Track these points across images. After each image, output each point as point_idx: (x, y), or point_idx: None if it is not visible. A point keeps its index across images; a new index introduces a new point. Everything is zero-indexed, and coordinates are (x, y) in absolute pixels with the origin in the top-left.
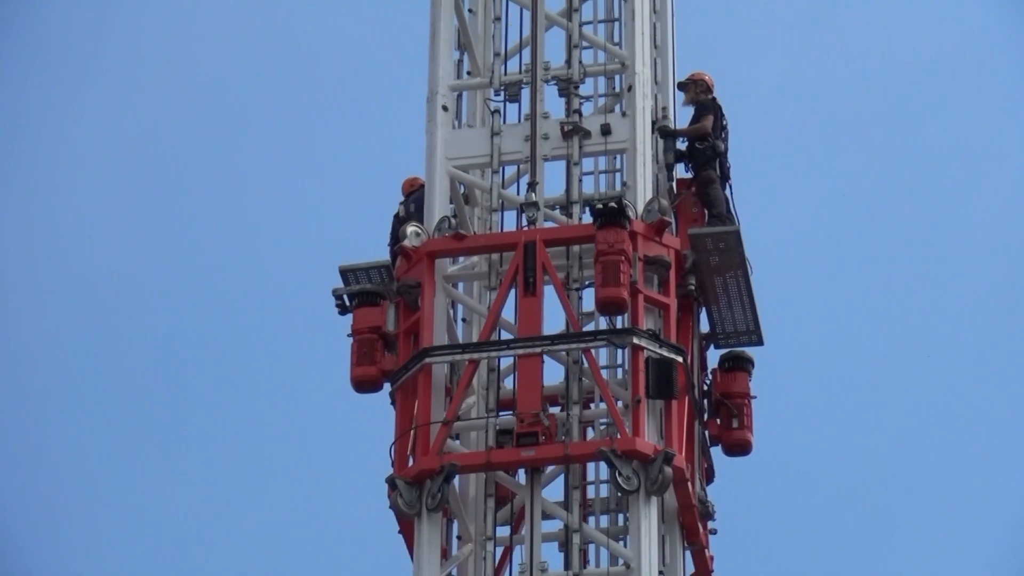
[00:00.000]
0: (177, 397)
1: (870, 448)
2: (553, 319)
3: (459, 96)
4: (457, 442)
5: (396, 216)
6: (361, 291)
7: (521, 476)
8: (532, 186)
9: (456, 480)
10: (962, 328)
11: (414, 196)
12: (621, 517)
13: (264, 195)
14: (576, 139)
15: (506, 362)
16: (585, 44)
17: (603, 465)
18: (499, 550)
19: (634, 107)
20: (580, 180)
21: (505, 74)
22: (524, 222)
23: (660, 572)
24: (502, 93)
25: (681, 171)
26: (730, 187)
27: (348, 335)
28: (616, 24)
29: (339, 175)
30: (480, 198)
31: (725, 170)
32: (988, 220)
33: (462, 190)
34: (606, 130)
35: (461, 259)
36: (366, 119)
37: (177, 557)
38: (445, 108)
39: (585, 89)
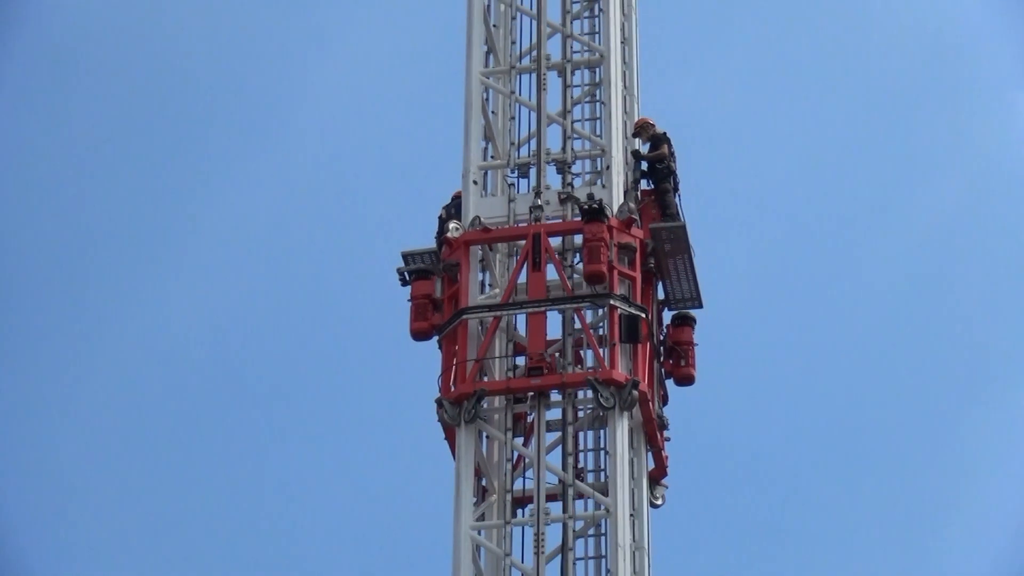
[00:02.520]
0: (298, 352)
1: (781, 381)
2: None
3: (485, 173)
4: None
5: (439, 217)
6: (417, 269)
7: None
8: (538, 193)
9: (484, 446)
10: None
11: (454, 203)
12: (603, 475)
13: (361, 207)
14: (569, 204)
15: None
16: (576, 136)
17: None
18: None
19: (611, 181)
20: (573, 235)
21: (518, 157)
22: (532, 219)
23: (631, 515)
24: (515, 171)
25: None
26: (679, 195)
27: (408, 300)
28: (598, 122)
29: (404, 196)
30: (499, 246)
31: (676, 183)
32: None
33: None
34: (591, 198)
35: (488, 289)
36: (416, 169)
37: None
38: (475, 182)
39: (575, 168)
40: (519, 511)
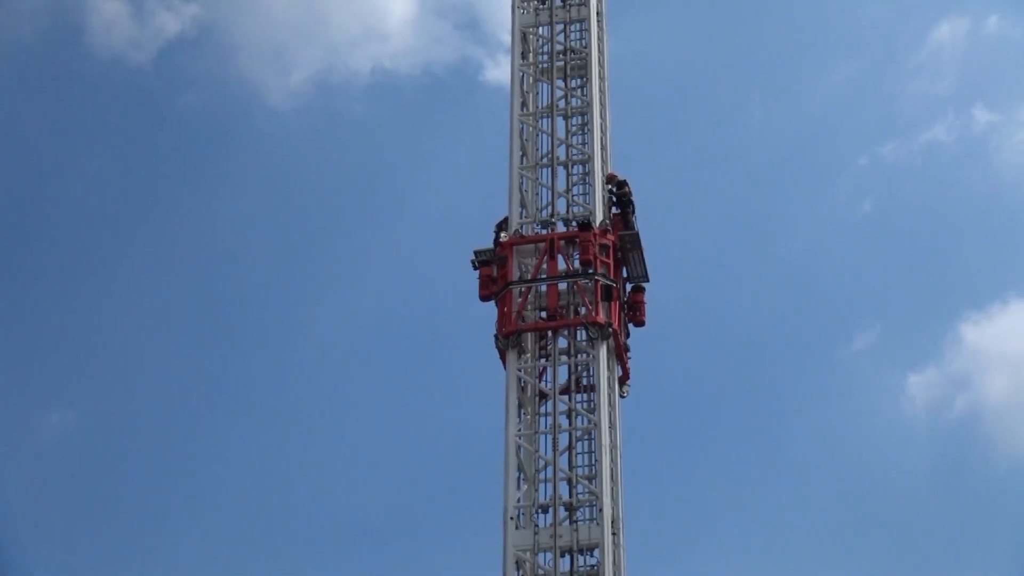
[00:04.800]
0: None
1: (696, 324)
2: None
3: (522, 226)
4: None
5: (495, 231)
6: (483, 259)
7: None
8: (552, 214)
9: (522, 377)
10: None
11: (504, 222)
12: (592, 395)
13: (456, 232)
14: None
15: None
16: (575, 204)
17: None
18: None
19: (595, 219)
20: (573, 239)
21: (541, 216)
22: (549, 230)
23: (610, 427)
24: (539, 225)
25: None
26: (635, 215)
27: (477, 277)
28: (588, 195)
29: (477, 224)
30: (529, 247)
31: (633, 208)
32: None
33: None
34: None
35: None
36: (484, 214)
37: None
38: (516, 230)
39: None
40: (542, 407)
